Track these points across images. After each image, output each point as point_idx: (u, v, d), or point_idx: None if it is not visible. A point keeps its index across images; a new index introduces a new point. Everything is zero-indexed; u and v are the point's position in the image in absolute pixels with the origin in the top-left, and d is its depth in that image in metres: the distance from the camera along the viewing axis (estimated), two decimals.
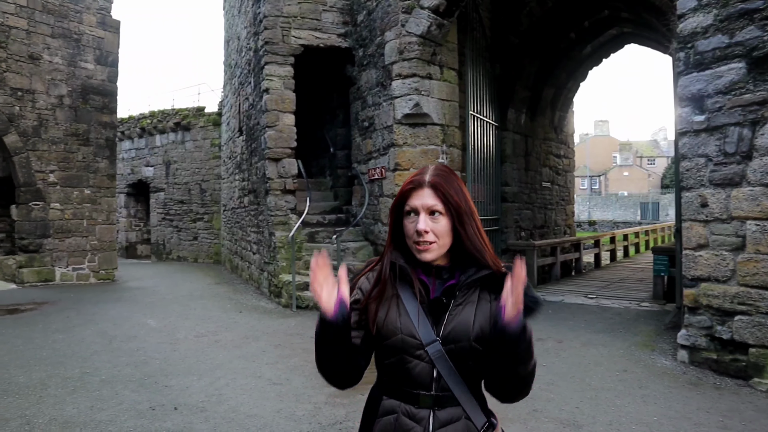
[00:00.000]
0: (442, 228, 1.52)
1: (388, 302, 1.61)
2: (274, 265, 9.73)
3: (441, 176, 1.56)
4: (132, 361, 6.06)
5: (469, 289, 1.56)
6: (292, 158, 10.03)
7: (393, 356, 1.58)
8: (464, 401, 1.54)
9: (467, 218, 1.54)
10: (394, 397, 1.59)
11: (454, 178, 1.59)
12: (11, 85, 11.62)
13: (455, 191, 1.53)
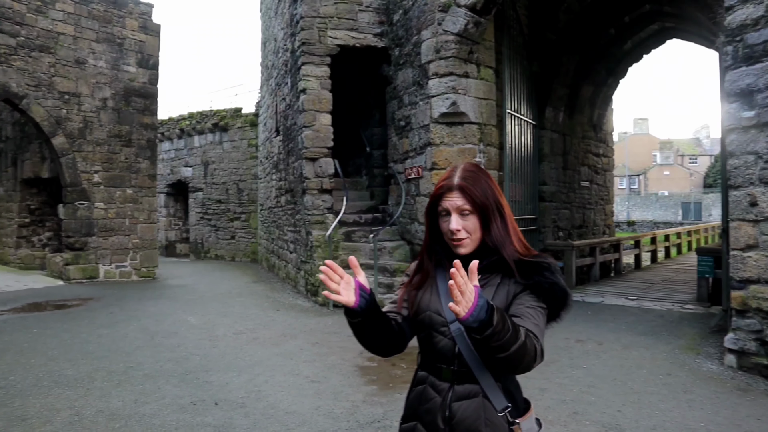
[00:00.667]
0: (472, 225, 1.70)
1: (428, 285, 1.81)
2: (310, 263, 9.80)
3: (468, 178, 1.72)
4: (173, 357, 6.19)
5: (491, 274, 1.71)
6: (328, 158, 10.09)
7: (423, 331, 1.78)
8: (482, 379, 1.65)
9: (492, 215, 1.70)
10: (424, 369, 1.78)
11: (483, 177, 1.74)
12: (59, 89, 12.01)
13: (481, 191, 1.69)
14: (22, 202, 15.04)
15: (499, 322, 1.42)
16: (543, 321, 1.64)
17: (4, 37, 11.18)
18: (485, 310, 1.40)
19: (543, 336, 1.61)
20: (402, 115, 9.86)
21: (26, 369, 5.68)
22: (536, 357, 1.54)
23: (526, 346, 1.49)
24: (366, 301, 1.64)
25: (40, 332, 7.38)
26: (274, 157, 13.66)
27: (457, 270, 1.38)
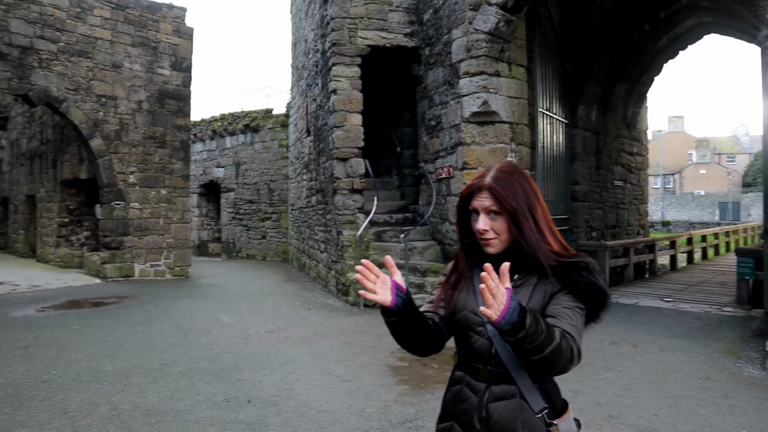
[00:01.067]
0: (500, 226, 1.68)
1: (464, 284, 1.81)
2: (341, 263, 9.85)
3: (500, 179, 1.70)
4: (207, 355, 6.29)
5: (528, 274, 1.69)
6: (359, 158, 10.13)
7: (459, 331, 1.77)
8: (519, 380, 1.64)
9: (522, 217, 1.66)
10: (461, 369, 1.78)
11: (516, 178, 1.71)
12: (96, 93, 12.32)
13: (511, 193, 1.67)
14: (61, 202, 15.47)
15: (531, 324, 1.40)
16: (581, 322, 1.61)
17: (46, 44, 11.52)
18: (517, 313, 1.39)
19: (580, 337, 1.58)
20: (432, 115, 9.83)
21: (67, 364, 5.84)
22: (573, 359, 1.51)
23: (561, 348, 1.47)
24: (402, 301, 1.65)
25: (79, 329, 7.57)
26: (305, 158, 13.77)
27: (488, 273, 1.38)
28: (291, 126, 17.36)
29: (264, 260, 19.07)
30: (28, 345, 6.67)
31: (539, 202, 1.72)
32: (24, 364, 5.88)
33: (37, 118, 16.89)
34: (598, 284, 1.63)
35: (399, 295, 1.65)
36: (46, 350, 6.43)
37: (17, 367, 5.76)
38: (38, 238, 17.00)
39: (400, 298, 1.65)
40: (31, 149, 17.51)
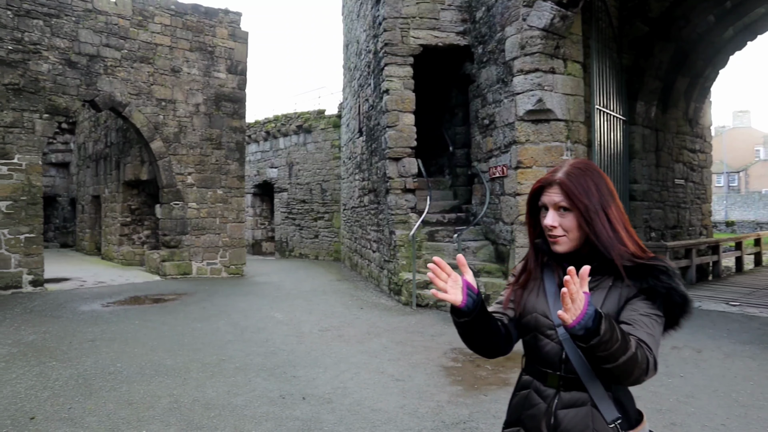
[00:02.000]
0: (569, 223, 1.62)
1: (533, 285, 1.76)
2: (394, 263, 9.87)
3: (572, 174, 1.64)
4: (262, 352, 6.41)
5: (602, 276, 1.62)
6: (412, 157, 10.13)
7: (528, 334, 1.73)
8: (591, 388, 1.56)
9: (594, 215, 1.59)
10: (529, 374, 1.73)
11: (589, 175, 1.64)
12: (157, 97, 12.77)
13: (583, 190, 1.60)
14: (124, 202, 16.12)
15: (606, 331, 1.35)
16: (658, 330, 1.53)
17: (111, 51, 12.03)
18: (593, 319, 1.35)
19: (658, 347, 1.50)
20: (486, 114, 9.72)
21: (131, 358, 6.08)
22: (648, 370, 1.44)
23: (636, 358, 1.41)
24: (473, 301, 1.61)
25: (141, 324, 7.87)
26: (357, 158, 13.87)
27: (571, 277, 1.34)
28: (343, 126, 17.52)
29: (316, 259, 19.33)
30: (95, 338, 6.98)
31: (614, 200, 1.65)
32: (92, 356, 6.15)
33: (102, 122, 17.66)
34: (679, 290, 1.54)
35: (470, 295, 1.61)
36: (111, 344, 6.71)
37: (86, 359, 6.03)
38: (103, 237, 17.77)
39: (471, 298, 1.61)
40: (97, 152, 18.32)
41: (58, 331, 7.38)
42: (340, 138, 18.35)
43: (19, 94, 10.83)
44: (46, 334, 7.25)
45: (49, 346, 6.62)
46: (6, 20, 10.65)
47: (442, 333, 7.31)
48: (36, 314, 8.58)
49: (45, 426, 4.23)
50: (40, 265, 11.01)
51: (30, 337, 7.04)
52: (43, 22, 11.10)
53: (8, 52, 10.70)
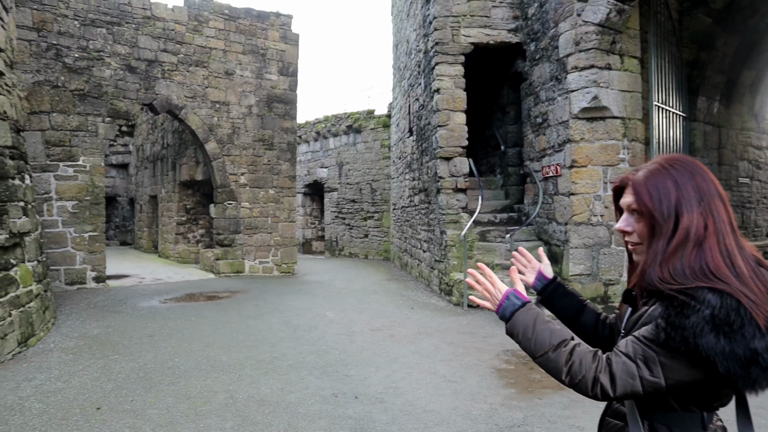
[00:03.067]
0: (640, 230, 1.43)
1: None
2: (444, 263, 9.80)
3: (651, 171, 1.43)
4: (314, 350, 6.47)
5: (650, 298, 1.40)
6: (463, 157, 10.02)
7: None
8: (627, 406, 1.46)
9: (660, 225, 1.37)
10: None
11: (671, 173, 1.39)
12: (211, 99, 13.10)
13: (655, 192, 1.38)
14: (179, 202, 16.62)
15: (513, 326, 1.52)
16: (640, 356, 1.32)
17: (168, 56, 12.41)
18: (508, 312, 1.54)
19: (629, 374, 1.32)
20: (538, 112, 9.53)
21: (188, 353, 6.24)
22: (577, 384, 1.39)
23: (549, 364, 1.44)
24: (543, 285, 1.88)
25: (197, 320, 8.07)
26: (407, 157, 13.85)
27: (481, 273, 1.66)
28: (393, 126, 17.54)
29: (366, 258, 19.42)
30: (153, 333, 7.20)
31: (701, 206, 1.35)
32: (151, 350, 6.35)
33: (159, 124, 18.25)
34: (684, 331, 1.24)
35: (540, 280, 1.88)
36: (169, 339, 6.91)
37: (146, 353, 6.23)
38: (159, 235, 18.36)
39: (540, 282, 1.87)
40: (154, 153, 18.96)
41: (120, 326, 7.65)
42: (390, 138, 18.38)
43: (84, 99, 11.30)
44: (108, 328, 7.53)
45: (112, 340, 6.87)
46: (73, 30, 11.13)
47: (494, 334, 7.20)
48: (99, 309, 8.93)
49: (110, 416, 4.39)
50: (103, 262, 11.46)
51: (94, 331, 7.32)
52: (106, 30, 11.55)
53: (75, 59, 11.18)
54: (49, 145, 10.93)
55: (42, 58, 10.88)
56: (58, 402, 4.70)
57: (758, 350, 1.19)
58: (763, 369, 1.19)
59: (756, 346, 1.19)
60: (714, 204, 1.35)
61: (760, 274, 1.29)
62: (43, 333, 7.15)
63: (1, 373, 5.50)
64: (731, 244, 1.33)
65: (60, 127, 11.04)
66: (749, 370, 1.20)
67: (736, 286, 1.24)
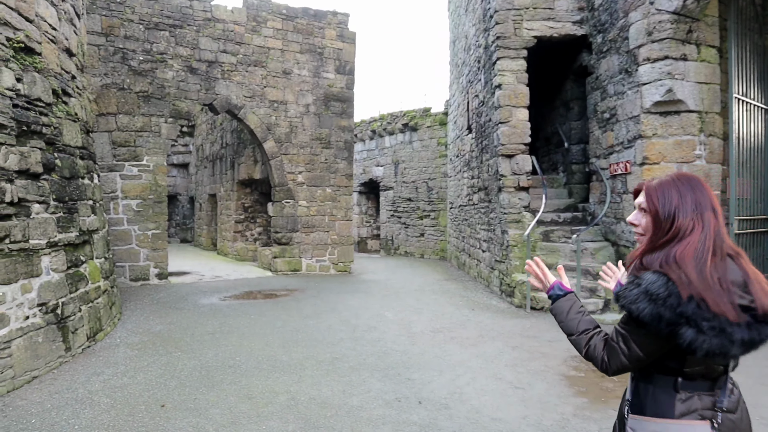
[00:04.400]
0: (646, 225, 1.80)
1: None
2: (506, 263, 9.50)
3: (662, 181, 1.78)
4: (374, 351, 6.33)
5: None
6: (525, 154, 9.68)
7: None
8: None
9: (659, 225, 1.73)
10: None
11: (677, 185, 1.74)
12: (269, 98, 13.20)
13: (662, 195, 1.74)
14: (237, 200, 16.88)
15: (555, 308, 2.06)
16: (623, 339, 1.75)
17: (228, 56, 12.58)
18: (554, 298, 2.08)
19: (620, 353, 1.75)
20: (606, 107, 9.09)
21: (248, 352, 6.23)
22: (597, 364, 1.84)
23: (578, 345, 1.93)
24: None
25: (256, 318, 8.09)
26: (466, 155, 13.57)
27: (532, 265, 2.19)
28: (450, 124, 17.27)
29: (422, 258, 19.23)
30: (214, 331, 7.25)
31: (693, 214, 1.70)
32: (212, 348, 6.37)
33: (218, 124, 18.62)
34: (630, 302, 1.66)
35: (619, 285, 2.30)
36: (230, 337, 6.93)
37: (207, 350, 6.26)
38: (218, 233, 18.73)
39: (618, 287, 2.20)
40: (213, 153, 19.36)
41: (181, 323, 7.75)
42: (447, 135, 18.12)
43: (148, 101, 11.58)
44: (171, 325, 7.63)
45: (174, 336, 6.95)
46: (138, 34, 11.43)
47: (559, 339, 6.88)
48: (162, 305, 9.10)
49: (174, 414, 4.38)
50: (165, 260, 11.72)
51: (157, 328, 7.44)
52: (169, 33, 11.80)
53: (140, 62, 11.48)
54: (115, 145, 11.25)
55: (109, 62, 11.21)
56: (124, 397, 4.74)
57: (685, 313, 1.55)
58: (696, 330, 1.54)
59: (683, 311, 1.55)
60: (706, 214, 1.69)
61: (721, 267, 1.62)
62: (110, 328, 7.31)
63: (73, 367, 5.63)
64: (709, 246, 1.64)
65: (125, 128, 11.35)
66: (679, 331, 1.56)
67: (686, 271, 1.60)
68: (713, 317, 1.52)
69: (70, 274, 6.35)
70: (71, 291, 6.26)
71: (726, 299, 1.54)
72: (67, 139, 6.76)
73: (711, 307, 1.53)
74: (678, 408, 1.71)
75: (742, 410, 1.76)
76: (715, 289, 1.56)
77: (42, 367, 5.45)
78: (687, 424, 1.69)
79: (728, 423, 1.68)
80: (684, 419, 1.69)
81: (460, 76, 14.52)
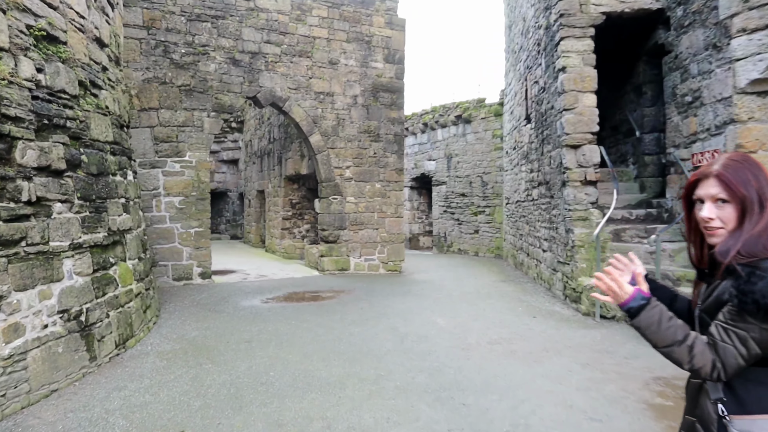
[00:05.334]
0: (727, 215, 1.67)
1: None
2: (571, 265, 8.57)
3: (729, 167, 1.68)
4: (425, 367, 5.62)
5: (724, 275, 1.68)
6: (593, 144, 8.69)
7: None
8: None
9: (751, 207, 1.62)
10: None
11: (747, 167, 1.67)
12: (315, 90, 12.64)
13: (742, 180, 1.64)
14: (285, 197, 16.46)
15: (641, 321, 1.75)
16: (730, 337, 1.61)
17: (272, 47, 12.08)
18: (636, 308, 1.77)
19: (732, 355, 1.60)
20: (687, 89, 8.02)
21: (284, 365, 5.63)
22: (700, 370, 1.65)
23: (673, 355, 1.69)
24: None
25: (297, 324, 7.51)
26: (524, 147, 12.62)
27: (617, 263, 1.94)
28: (506, 114, 16.31)
29: (476, 255, 18.35)
30: (251, 338, 6.71)
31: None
32: (246, 360, 5.81)
33: (265, 119, 18.27)
34: (752, 295, 1.52)
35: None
36: (267, 346, 6.36)
37: (240, 363, 5.70)
38: (266, 230, 18.41)
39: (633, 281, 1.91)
40: (261, 148, 19.04)
41: (218, 328, 7.26)
42: (502, 127, 17.16)
43: (190, 95, 11.22)
44: (207, 330, 7.15)
45: (208, 344, 6.44)
46: (180, 26, 11.06)
47: (637, 355, 5.98)
48: (201, 307, 8.67)
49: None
50: (208, 258, 11.35)
51: (192, 333, 6.97)
52: (211, 24, 11.39)
53: (181, 55, 11.12)
54: (157, 141, 10.94)
55: (151, 56, 10.89)
56: (142, 420, 4.22)
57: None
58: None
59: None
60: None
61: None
62: (143, 333, 6.89)
63: (96, 379, 5.19)
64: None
65: (167, 123, 11.02)
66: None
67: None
68: None
69: (97, 277, 5.91)
70: (98, 296, 5.82)
71: None
72: (95, 133, 6.33)
73: None
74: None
75: None
76: None
77: (62, 380, 5.01)
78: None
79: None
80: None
81: (517, 62, 13.56)
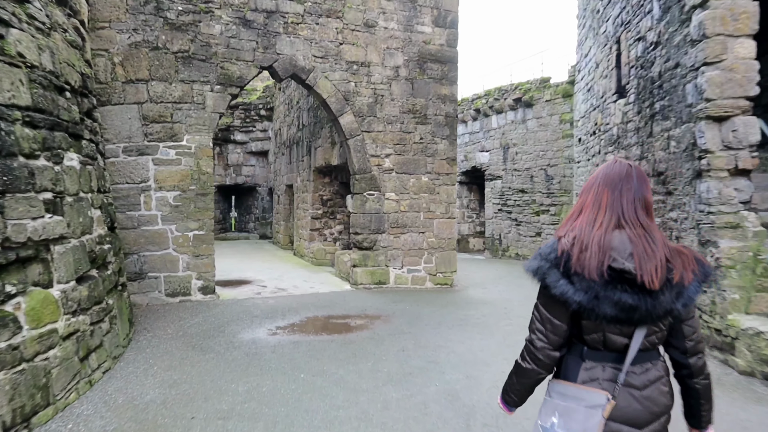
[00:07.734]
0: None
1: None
2: (712, 295, 5.76)
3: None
4: None
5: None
6: (748, 115, 5.83)
7: None
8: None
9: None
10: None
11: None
12: (346, 59, 10.13)
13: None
14: (314, 192, 14.04)
15: None
16: (535, 308, 1.92)
17: (293, 5, 9.63)
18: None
19: (537, 322, 1.91)
20: None
21: None
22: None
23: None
24: None
25: (307, 380, 5.04)
26: (612, 129, 9.78)
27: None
28: (578, 94, 13.44)
29: None
30: (231, 410, 4.27)
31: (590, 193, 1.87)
32: None
33: (294, 103, 15.90)
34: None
35: None
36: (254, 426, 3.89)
37: None
38: (295, 231, 16.05)
39: None
40: (290, 137, 16.68)
41: (192, 383, 4.87)
42: (574, 110, 14.27)
43: (189, 63, 8.88)
44: (173, 388, 4.76)
45: (161, 423, 4.02)
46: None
47: None
48: (185, 341, 6.33)
49: None
50: (211, 269, 9.01)
51: (150, 395, 4.61)
52: None
53: (178, 14, 8.79)
54: (146, 121, 8.64)
55: (140, 14, 8.59)
56: None
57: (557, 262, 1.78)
58: (567, 281, 1.74)
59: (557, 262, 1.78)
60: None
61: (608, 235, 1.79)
62: (74, 395, 4.55)
63: None
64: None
65: (160, 99, 8.71)
66: (551, 282, 1.77)
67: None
68: (581, 274, 1.71)
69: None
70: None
71: (596, 259, 1.71)
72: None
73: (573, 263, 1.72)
74: (581, 375, 1.81)
75: (655, 390, 1.76)
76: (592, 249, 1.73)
77: None
78: (584, 390, 1.77)
79: (627, 398, 1.73)
80: (584, 386, 1.78)
81: (602, 23, 10.71)
